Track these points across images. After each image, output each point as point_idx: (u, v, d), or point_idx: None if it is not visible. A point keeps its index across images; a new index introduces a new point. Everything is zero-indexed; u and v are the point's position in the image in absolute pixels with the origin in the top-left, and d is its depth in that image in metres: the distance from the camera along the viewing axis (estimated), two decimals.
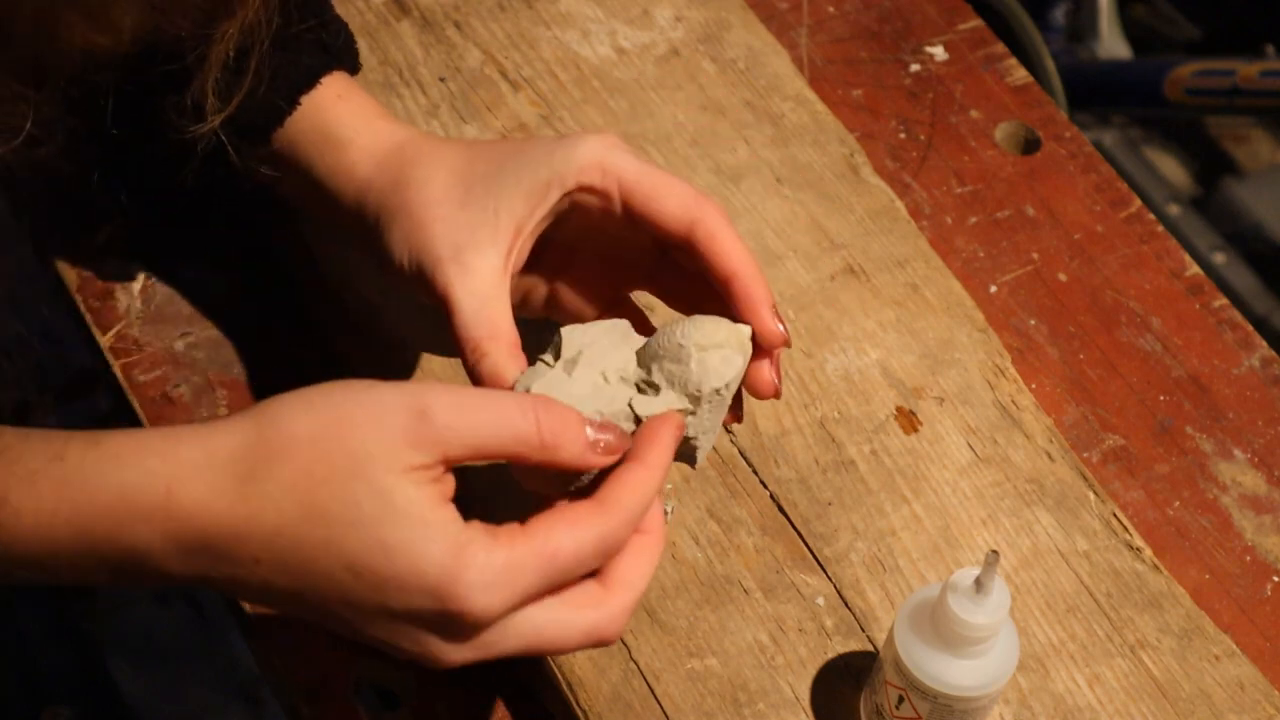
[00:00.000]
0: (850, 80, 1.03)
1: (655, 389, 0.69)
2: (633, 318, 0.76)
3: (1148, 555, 0.84)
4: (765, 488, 0.85)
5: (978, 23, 1.07)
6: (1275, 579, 0.86)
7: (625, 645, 0.79)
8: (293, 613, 0.66)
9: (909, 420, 0.88)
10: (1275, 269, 1.85)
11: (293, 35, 0.78)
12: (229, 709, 1.54)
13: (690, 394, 0.68)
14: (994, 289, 0.95)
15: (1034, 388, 0.91)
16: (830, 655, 0.80)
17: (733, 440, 0.86)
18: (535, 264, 0.76)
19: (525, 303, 0.78)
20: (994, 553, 0.69)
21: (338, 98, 0.79)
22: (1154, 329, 0.94)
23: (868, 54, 1.04)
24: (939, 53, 1.05)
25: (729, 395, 0.70)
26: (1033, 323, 0.94)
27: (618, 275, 0.77)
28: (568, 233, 0.75)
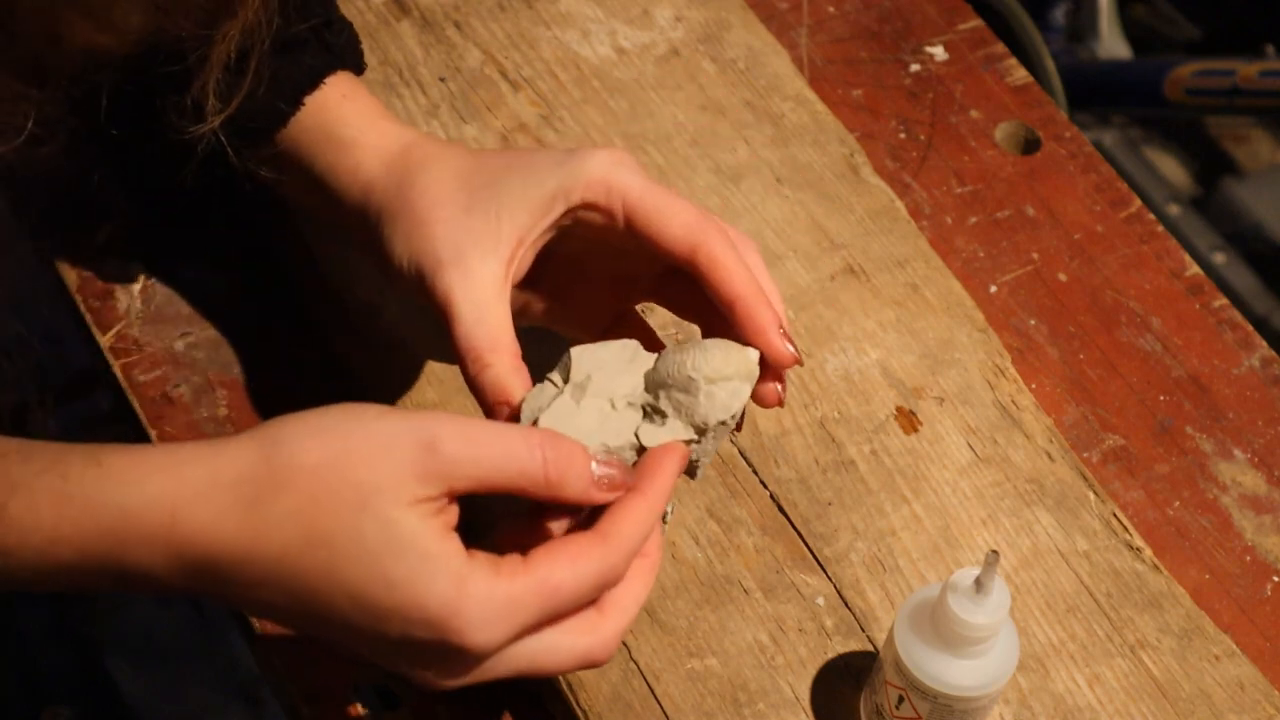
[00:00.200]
0: (850, 80, 1.03)
1: (662, 415, 0.69)
2: (639, 331, 0.76)
3: (1148, 555, 0.84)
4: (765, 488, 0.85)
5: (978, 23, 1.06)
6: (1275, 579, 0.86)
7: (625, 645, 0.79)
8: (292, 629, 0.66)
9: (909, 420, 0.88)
10: (1275, 269, 1.85)
11: (297, 35, 0.77)
12: (229, 709, 1.54)
13: (697, 425, 0.69)
14: (994, 289, 0.95)
15: (1034, 388, 0.91)
16: (830, 655, 0.80)
17: (733, 440, 0.86)
18: (538, 276, 0.76)
19: (525, 312, 0.77)
20: (994, 553, 0.69)
21: (342, 98, 0.78)
22: (1154, 329, 0.94)
23: (868, 54, 1.04)
24: (939, 53, 1.05)
25: (734, 422, 0.70)
26: (1033, 323, 0.94)
27: (624, 289, 0.77)
28: (572, 247, 0.75)
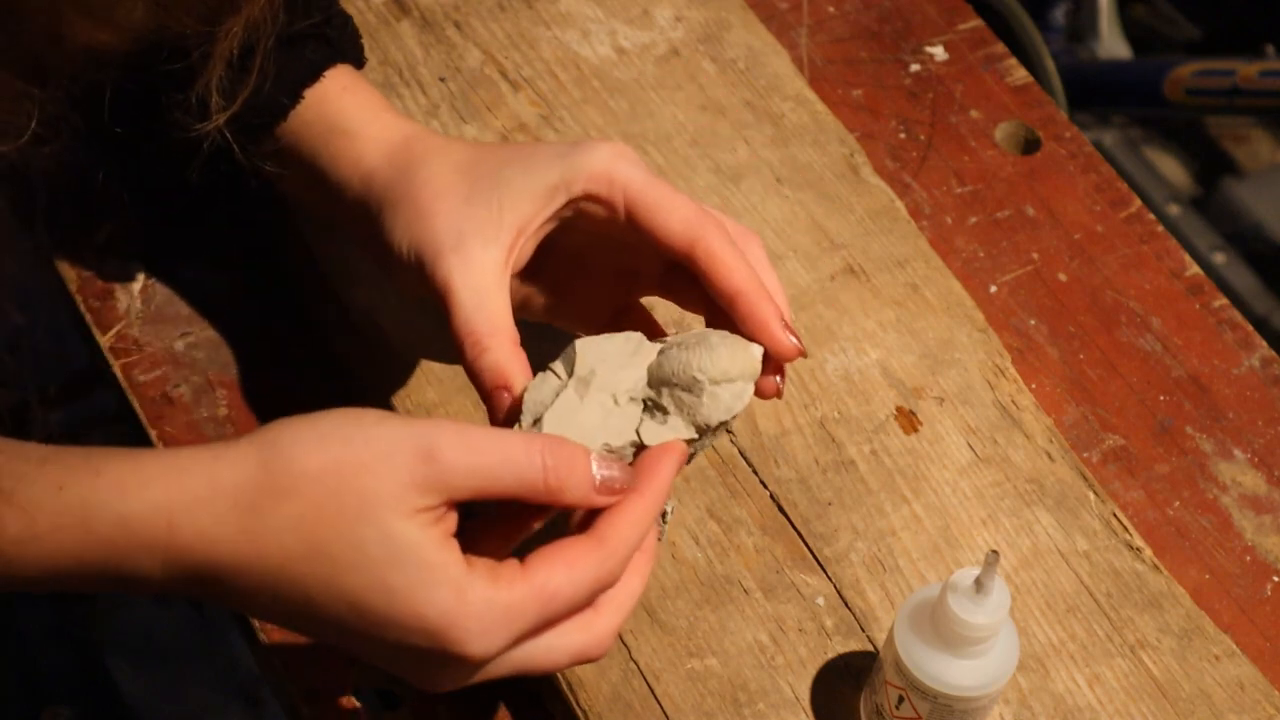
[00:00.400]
0: (850, 80, 1.03)
1: (663, 412, 0.69)
2: (642, 325, 0.76)
3: (1148, 555, 0.84)
4: (765, 488, 0.85)
5: (978, 23, 1.06)
6: (1275, 579, 0.86)
7: (625, 645, 0.79)
8: (290, 630, 0.67)
9: (909, 420, 0.88)
10: (1275, 269, 1.85)
11: (297, 30, 0.78)
12: (229, 709, 1.54)
13: (698, 425, 0.69)
14: (994, 289, 0.95)
15: (1034, 388, 0.91)
16: (830, 655, 0.80)
17: (733, 440, 0.86)
18: (539, 270, 0.76)
19: (525, 306, 0.77)
20: (994, 553, 0.69)
21: (343, 90, 0.79)
22: (1154, 329, 0.94)
23: (868, 54, 1.04)
24: (939, 53, 1.05)
25: (734, 420, 0.70)
26: (1033, 323, 0.94)
27: (627, 283, 0.77)
28: (574, 240, 0.75)
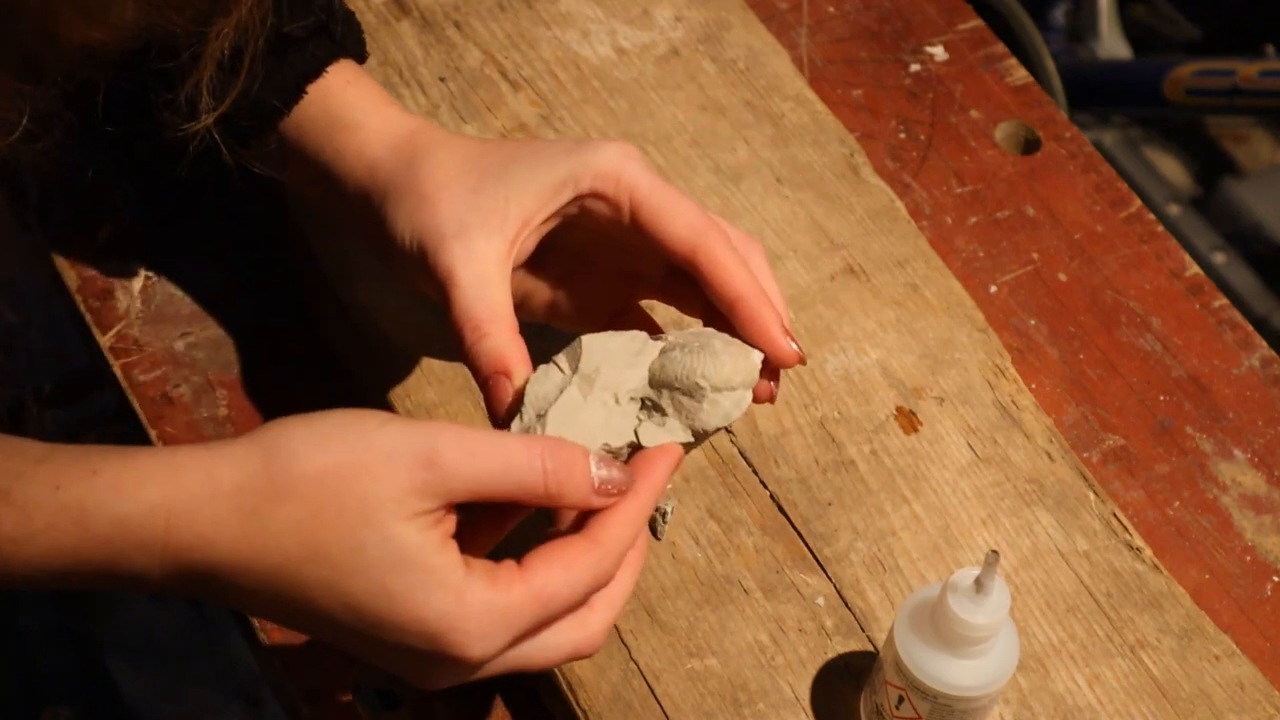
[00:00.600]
0: (850, 80, 1.03)
1: (662, 413, 0.69)
2: (640, 327, 0.76)
3: (1148, 555, 0.84)
4: (765, 488, 0.85)
5: (978, 23, 1.06)
6: (1275, 579, 0.86)
7: (625, 645, 0.79)
8: (287, 628, 0.67)
9: (909, 420, 0.88)
10: (1275, 269, 1.85)
11: (299, 26, 0.78)
12: (229, 709, 1.54)
13: (696, 430, 0.69)
14: (994, 289, 0.95)
15: (1034, 388, 0.91)
16: (830, 655, 0.80)
17: (733, 440, 0.86)
18: (540, 266, 0.76)
19: (525, 304, 0.77)
20: (994, 553, 0.69)
21: (347, 84, 0.79)
22: (1154, 329, 0.94)
23: (868, 54, 1.04)
24: (939, 53, 1.05)
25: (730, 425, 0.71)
26: (1033, 323, 0.94)
27: (627, 285, 0.77)
28: (577, 239, 0.75)
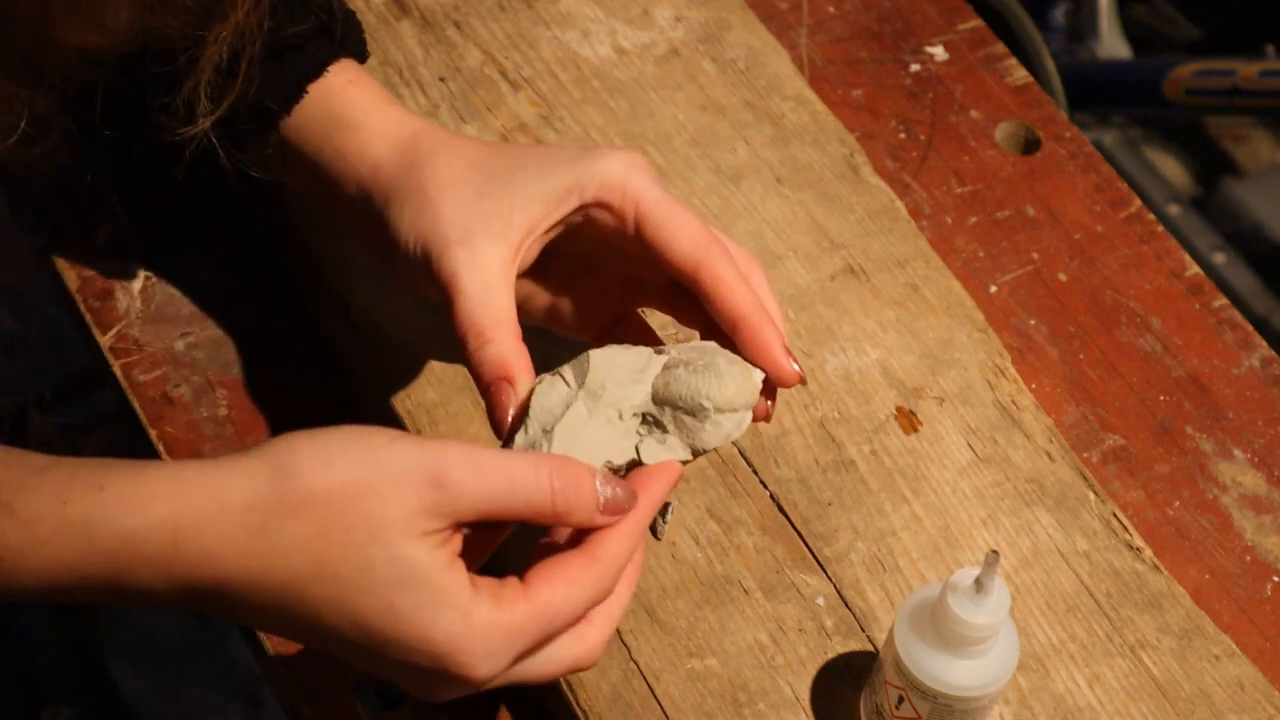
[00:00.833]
0: (850, 80, 1.03)
1: (663, 430, 0.69)
2: (639, 333, 0.76)
3: (1148, 555, 0.84)
4: (765, 488, 0.85)
5: (978, 23, 1.06)
6: (1275, 579, 0.86)
7: (625, 645, 0.79)
8: (292, 641, 0.67)
9: (909, 420, 0.88)
10: (1275, 269, 1.85)
11: (299, 27, 0.78)
12: (229, 709, 1.54)
13: (696, 449, 0.69)
14: (994, 289, 0.95)
15: (1034, 388, 0.91)
16: (830, 655, 0.80)
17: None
18: (542, 272, 0.76)
19: (524, 309, 0.77)
20: (994, 553, 0.69)
21: (348, 84, 0.78)
22: (1154, 329, 0.94)
23: (868, 54, 1.04)
24: (939, 53, 1.05)
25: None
26: (1033, 323, 0.94)
27: (628, 294, 0.77)
28: (580, 246, 0.74)
